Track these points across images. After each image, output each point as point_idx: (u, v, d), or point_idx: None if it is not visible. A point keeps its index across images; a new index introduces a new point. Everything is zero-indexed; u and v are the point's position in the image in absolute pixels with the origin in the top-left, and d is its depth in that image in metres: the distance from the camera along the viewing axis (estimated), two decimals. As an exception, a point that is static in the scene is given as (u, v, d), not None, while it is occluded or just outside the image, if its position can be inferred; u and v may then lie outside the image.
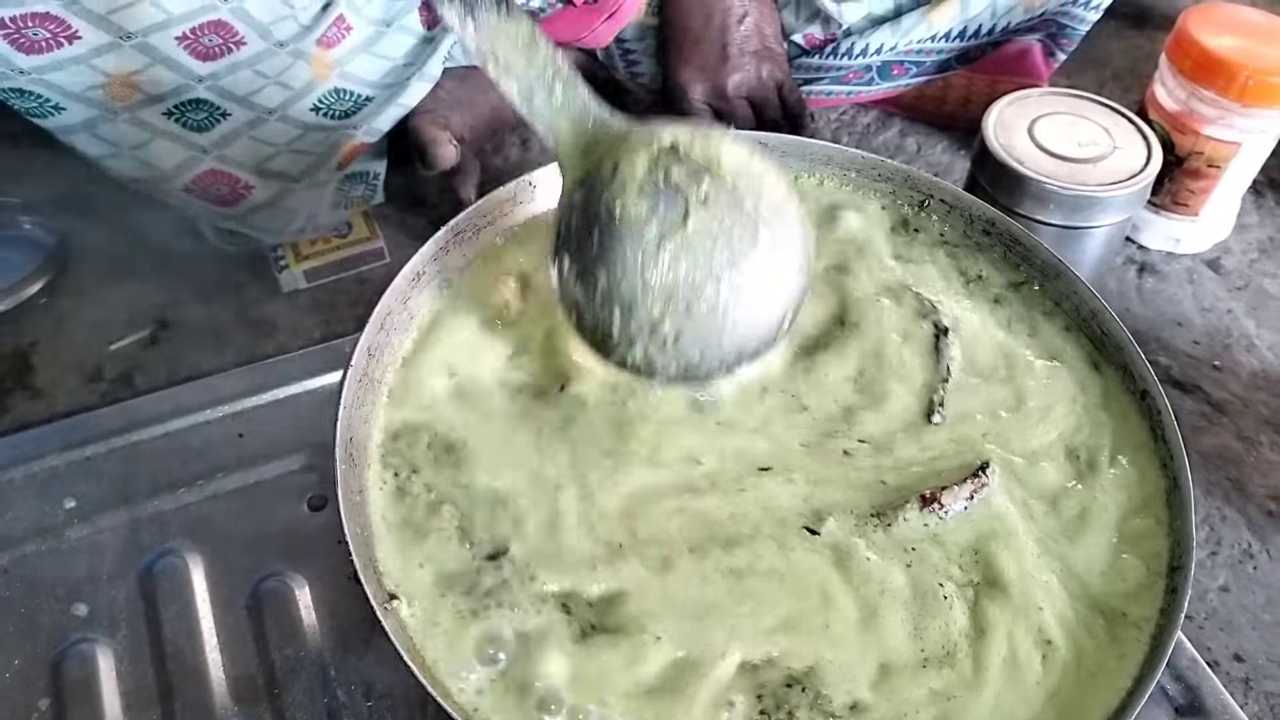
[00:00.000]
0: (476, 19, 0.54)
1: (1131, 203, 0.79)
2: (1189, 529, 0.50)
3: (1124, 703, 0.46)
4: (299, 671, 0.57)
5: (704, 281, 0.51)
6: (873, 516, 0.52)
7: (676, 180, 0.51)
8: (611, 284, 0.51)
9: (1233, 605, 0.74)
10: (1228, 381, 0.86)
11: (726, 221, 0.51)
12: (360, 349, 0.52)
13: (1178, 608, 0.48)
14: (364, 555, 0.47)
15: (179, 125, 0.74)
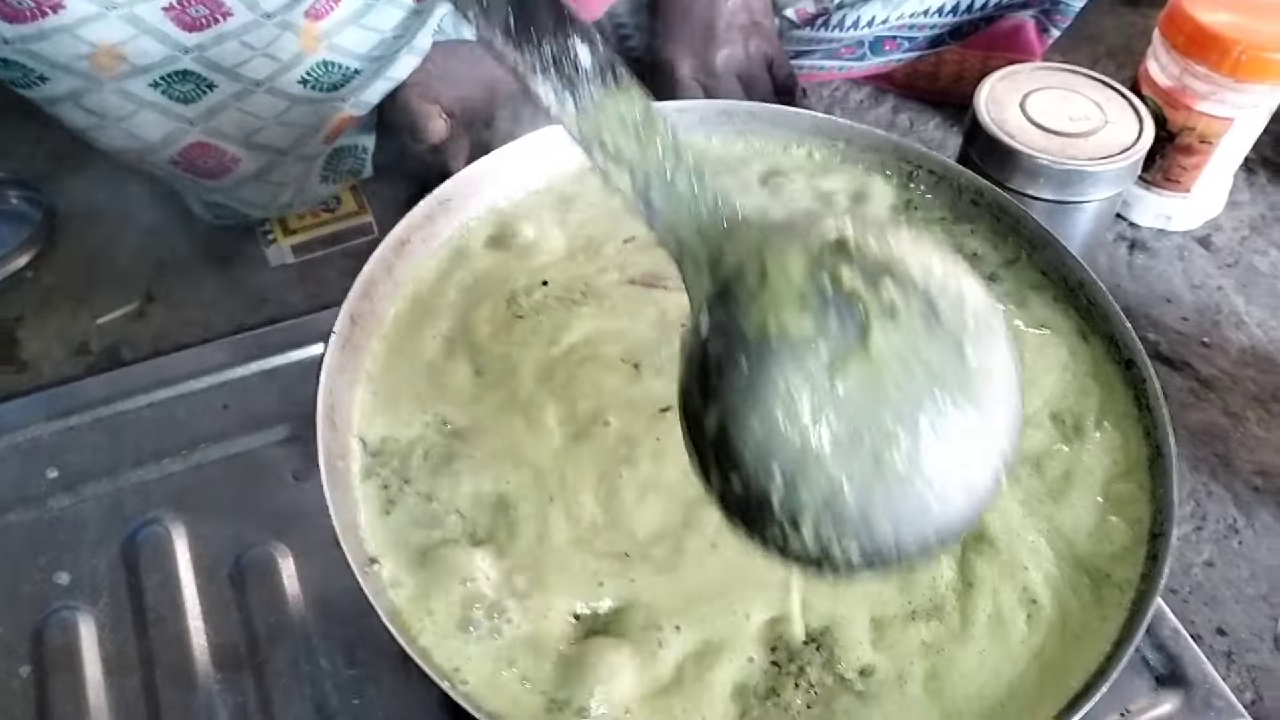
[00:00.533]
0: (578, 96, 0.43)
1: (1122, 177, 0.79)
2: (1171, 496, 0.50)
3: (1103, 666, 0.46)
4: (282, 640, 0.57)
5: (897, 424, 0.37)
6: None
7: (850, 285, 0.38)
8: (768, 434, 0.37)
9: (1217, 580, 0.74)
10: (1216, 358, 0.86)
11: (922, 339, 0.38)
12: (343, 315, 0.52)
13: (1158, 573, 0.48)
14: (344, 519, 0.47)
15: (165, 97, 0.74)
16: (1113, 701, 0.57)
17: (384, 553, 0.48)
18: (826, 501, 0.37)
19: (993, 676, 0.47)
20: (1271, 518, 0.77)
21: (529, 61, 0.42)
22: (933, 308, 0.38)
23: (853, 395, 0.37)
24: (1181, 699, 0.57)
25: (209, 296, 0.83)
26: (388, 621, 0.43)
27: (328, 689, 0.56)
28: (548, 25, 0.42)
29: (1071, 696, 0.46)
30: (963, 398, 0.38)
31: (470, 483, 0.51)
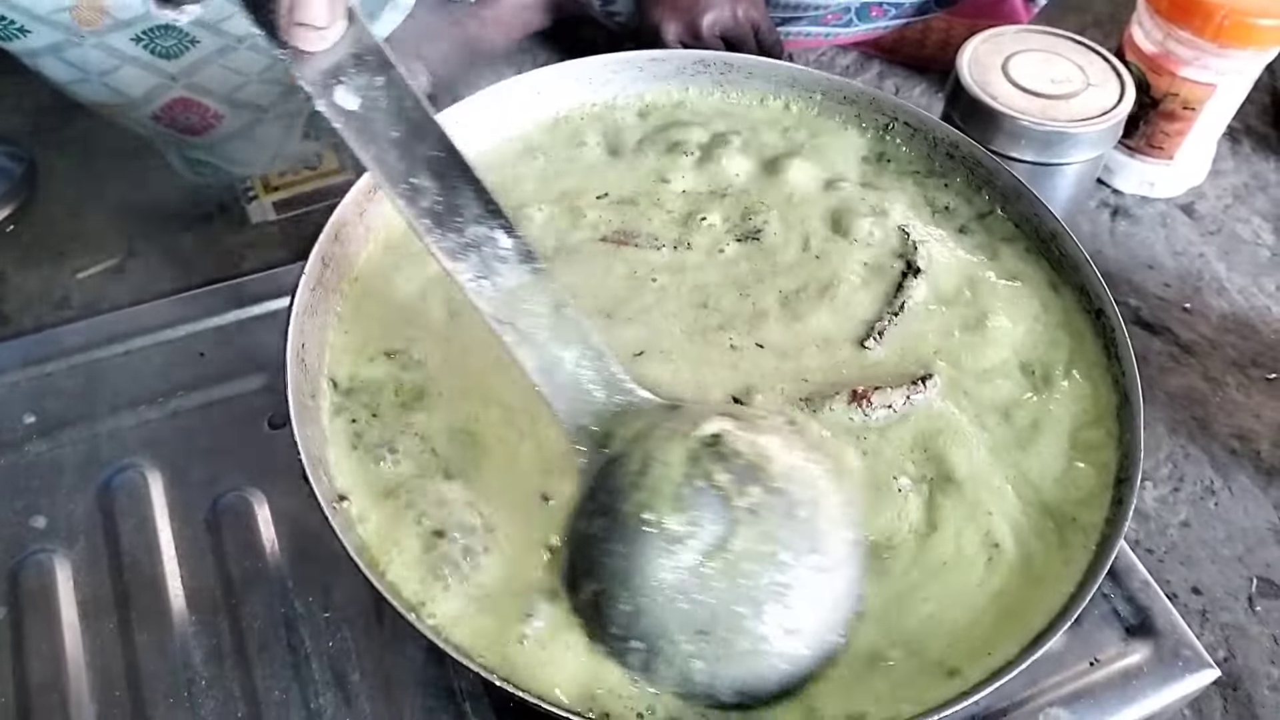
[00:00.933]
0: (495, 280, 0.46)
1: (1103, 139, 0.79)
2: (1137, 442, 0.51)
3: (1065, 606, 0.47)
4: (257, 583, 0.57)
5: (748, 612, 0.43)
6: (801, 400, 0.52)
7: (721, 485, 0.44)
8: (636, 611, 0.43)
9: (1193, 540, 0.75)
10: (1197, 323, 0.87)
11: (779, 537, 0.44)
12: (314, 257, 0.52)
13: (1123, 516, 0.48)
14: (313, 456, 0.47)
15: (148, 52, 0.74)
16: (1082, 651, 0.58)
17: (352, 489, 0.48)
18: (683, 670, 0.43)
19: (946, 613, 0.47)
20: (1248, 480, 0.78)
21: (450, 245, 0.45)
22: (791, 508, 0.44)
23: (713, 584, 0.43)
24: (1151, 649, 0.58)
25: (190, 253, 0.83)
26: (354, 555, 0.44)
27: (303, 632, 0.56)
28: (473, 212, 0.46)
29: (1033, 635, 0.46)
30: (809, 587, 0.44)
31: (440, 420, 0.51)
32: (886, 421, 0.52)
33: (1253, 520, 0.76)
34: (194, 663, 0.55)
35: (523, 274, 0.46)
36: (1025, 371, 0.55)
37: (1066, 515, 0.50)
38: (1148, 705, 0.56)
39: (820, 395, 0.52)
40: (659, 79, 0.65)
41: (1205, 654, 0.58)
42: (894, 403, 0.52)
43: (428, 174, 0.45)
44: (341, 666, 0.55)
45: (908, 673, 0.46)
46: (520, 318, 0.46)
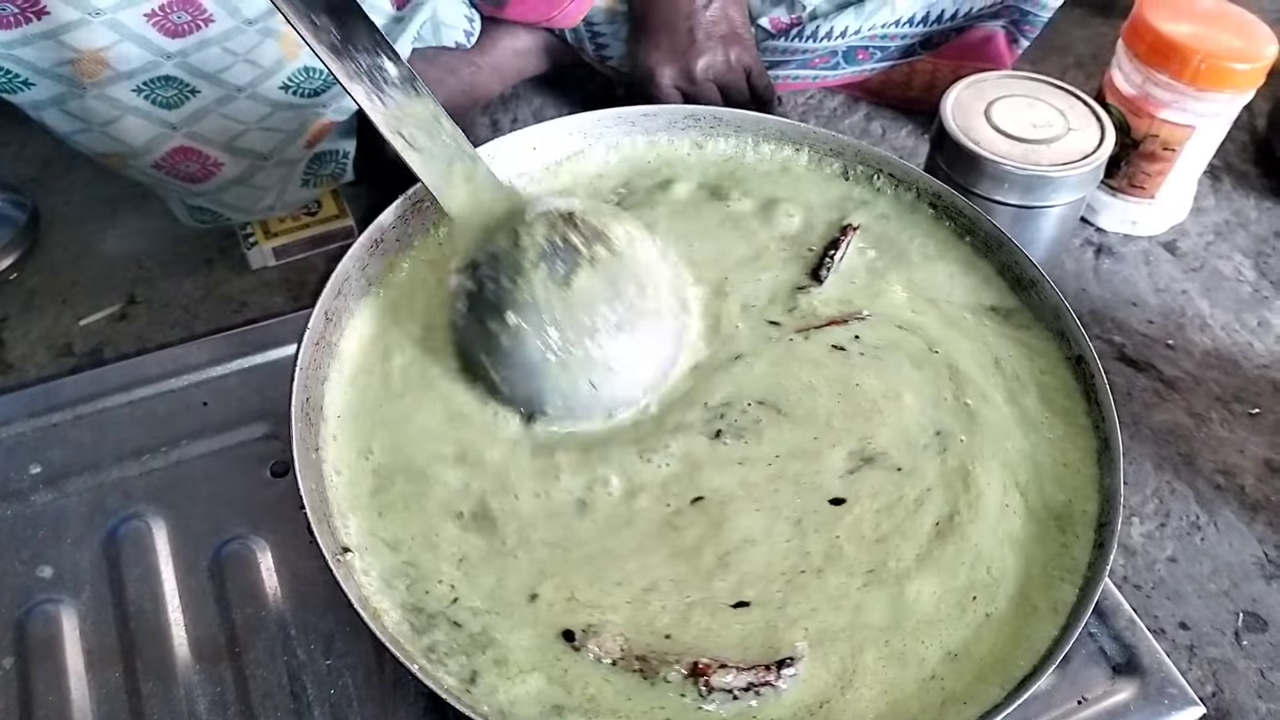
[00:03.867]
0: (384, 99, 0.56)
1: (1085, 183, 0.81)
2: (1117, 486, 0.52)
3: (1050, 650, 0.48)
4: (260, 631, 0.59)
5: (580, 337, 0.54)
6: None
7: (573, 242, 0.55)
8: (512, 344, 0.54)
9: (1180, 575, 0.76)
10: (1180, 360, 0.88)
11: (611, 283, 0.55)
12: (317, 313, 0.53)
13: (1104, 560, 0.50)
14: (318, 509, 0.49)
15: (148, 102, 0.75)
16: (1070, 690, 0.59)
17: (357, 542, 0.50)
18: (556, 389, 0.55)
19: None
20: (1233, 515, 0.79)
21: (348, 69, 0.55)
22: (624, 265, 0.56)
23: (568, 313, 0.54)
24: (1137, 687, 0.59)
25: (190, 298, 0.84)
26: (358, 606, 0.45)
27: (305, 679, 0.57)
28: (365, 44, 0.56)
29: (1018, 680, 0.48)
30: (635, 326, 0.56)
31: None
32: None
33: (1238, 555, 0.77)
34: (199, 711, 0.56)
35: (407, 93, 0.57)
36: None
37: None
38: (1135, 743, 0.58)
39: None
40: (649, 132, 0.67)
41: (1191, 691, 0.59)
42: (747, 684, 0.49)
43: (326, 13, 0.55)
44: (343, 714, 0.56)
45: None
46: (405, 127, 0.56)
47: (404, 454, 0.53)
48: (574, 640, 0.48)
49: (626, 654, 0.48)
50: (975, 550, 0.52)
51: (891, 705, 0.47)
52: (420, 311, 0.58)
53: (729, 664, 0.47)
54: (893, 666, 0.48)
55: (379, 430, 0.54)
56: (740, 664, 0.47)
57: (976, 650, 0.49)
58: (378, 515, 0.51)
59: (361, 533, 0.50)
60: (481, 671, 0.47)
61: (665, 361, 0.58)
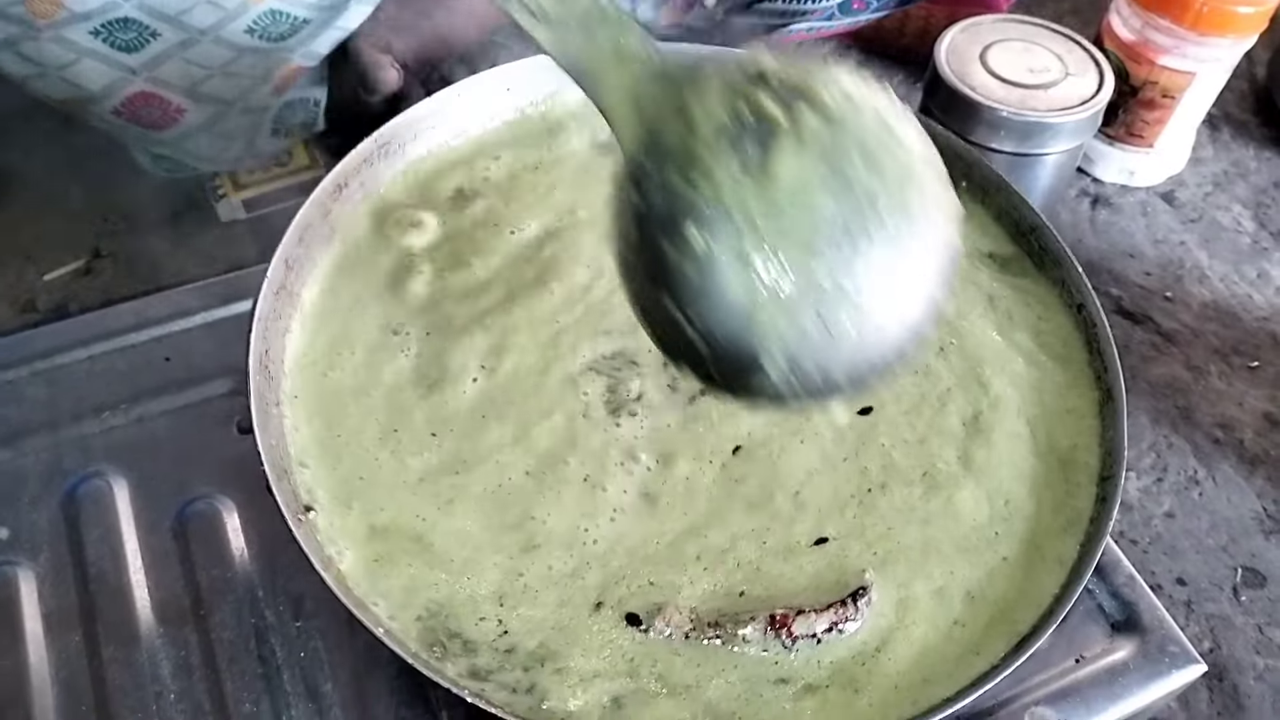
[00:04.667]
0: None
1: (1082, 129, 0.78)
2: (1121, 439, 0.50)
3: (1051, 607, 0.46)
4: (226, 593, 0.56)
5: (799, 252, 0.37)
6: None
7: (766, 109, 0.37)
8: (695, 275, 0.37)
9: (1177, 531, 0.74)
10: (1178, 312, 0.86)
11: (832, 165, 0.37)
12: (276, 261, 0.50)
13: (1107, 515, 0.48)
14: (278, 466, 0.46)
15: (106, 45, 0.71)
16: (1067, 648, 0.57)
17: (320, 500, 0.47)
18: (785, 348, 0.37)
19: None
20: (1232, 469, 0.77)
21: None
22: (850, 136, 0.37)
23: (774, 215, 0.36)
24: (1136, 645, 0.57)
25: (158, 253, 0.81)
26: (319, 567, 0.42)
27: (273, 642, 0.55)
28: None
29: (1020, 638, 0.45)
30: (875, 237, 0.37)
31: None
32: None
33: (1237, 510, 0.75)
34: (162, 676, 0.54)
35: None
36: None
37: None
38: (1134, 702, 0.55)
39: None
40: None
41: (1192, 649, 0.57)
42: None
43: None
44: (314, 677, 0.54)
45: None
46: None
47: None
48: (640, 624, 0.45)
49: (697, 623, 0.45)
50: (1001, 462, 0.50)
51: (924, 653, 0.46)
52: (390, 259, 0.55)
53: (806, 609, 0.46)
54: (934, 602, 0.47)
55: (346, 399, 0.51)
56: (817, 606, 0.46)
57: (991, 594, 0.48)
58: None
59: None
60: (540, 684, 0.44)
61: (937, 285, 0.39)
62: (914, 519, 0.49)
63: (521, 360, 0.53)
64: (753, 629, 0.45)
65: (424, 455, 0.49)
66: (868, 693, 0.45)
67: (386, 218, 0.57)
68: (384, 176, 0.57)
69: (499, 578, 0.47)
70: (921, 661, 0.46)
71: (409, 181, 0.58)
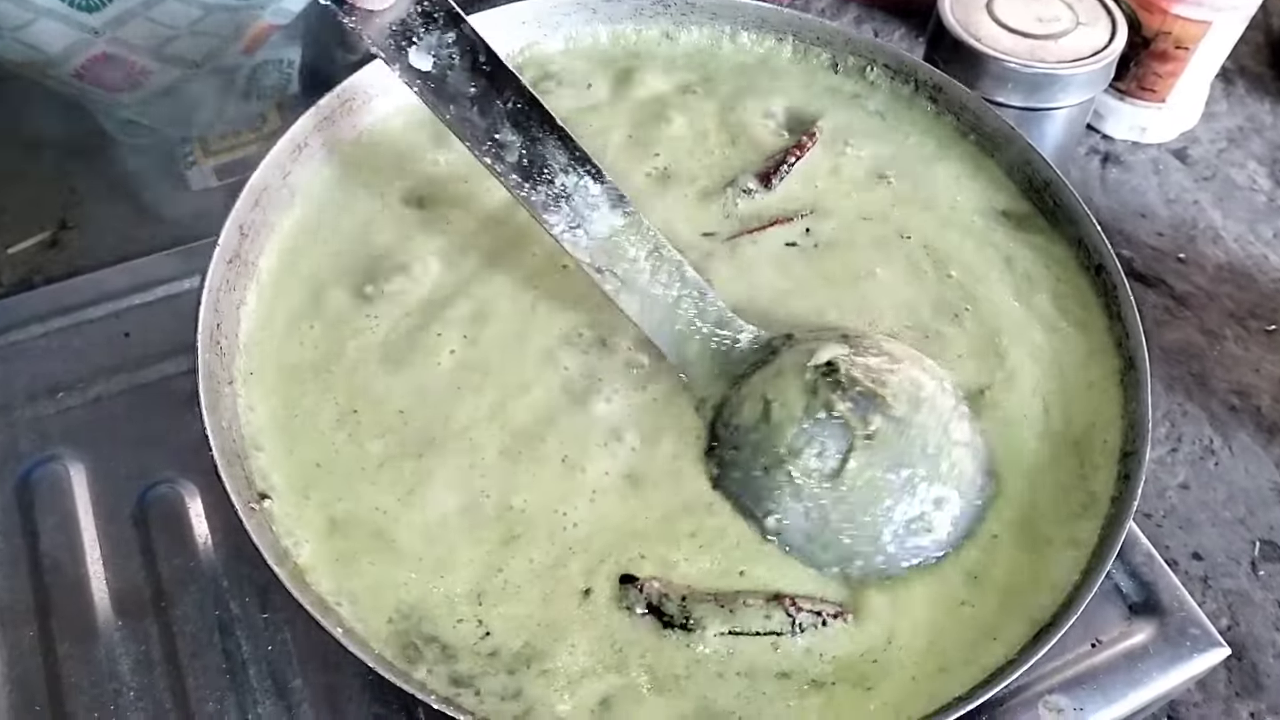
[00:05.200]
0: (589, 228, 0.45)
1: (1094, 81, 0.73)
2: (1145, 411, 0.45)
3: (1070, 596, 0.41)
4: (189, 583, 0.52)
5: (863, 532, 0.43)
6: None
7: (840, 412, 0.43)
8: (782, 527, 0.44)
9: (1192, 503, 0.70)
10: (1192, 274, 0.81)
11: (896, 465, 0.43)
12: (229, 226, 0.45)
13: (1130, 494, 0.43)
14: (229, 450, 0.41)
15: (66, 4, 0.66)
16: (1083, 632, 0.52)
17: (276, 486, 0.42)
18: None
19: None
20: (1248, 438, 0.73)
21: (540, 199, 0.45)
22: (908, 427, 0.43)
23: (844, 511, 0.43)
24: (1155, 628, 0.53)
25: (126, 223, 0.76)
26: (272, 562, 0.38)
27: (239, 635, 0.51)
28: (559, 161, 0.45)
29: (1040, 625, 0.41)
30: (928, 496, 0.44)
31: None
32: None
33: (1254, 480, 0.71)
34: (121, 672, 0.50)
35: (615, 219, 0.46)
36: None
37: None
38: (1154, 688, 0.51)
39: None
40: (613, 20, 0.58)
41: (1214, 631, 0.53)
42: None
43: (510, 128, 0.44)
44: (282, 672, 0.50)
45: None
46: (618, 264, 0.46)
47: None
48: (635, 582, 0.42)
49: (691, 593, 0.42)
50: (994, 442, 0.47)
51: (935, 639, 0.42)
52: (356, 223, 0.50)
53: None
54: (931, 582, 0.44)
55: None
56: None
57: (995, 575, 0.44)
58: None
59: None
60: (526, 690, 0.40)
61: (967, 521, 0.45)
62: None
63: (503, 329, 0.48)
64: (755, 599, 0.42)
65: (386, 438, 0.45)
66: (881, 690, 0.40)
67: (352, 180, 0.52)
68: (348, 135, 0.52)
69: (476, 574, 0.42)
70: (934, 649, 0.42)
71: (376, 139, 0.53)
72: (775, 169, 0.54)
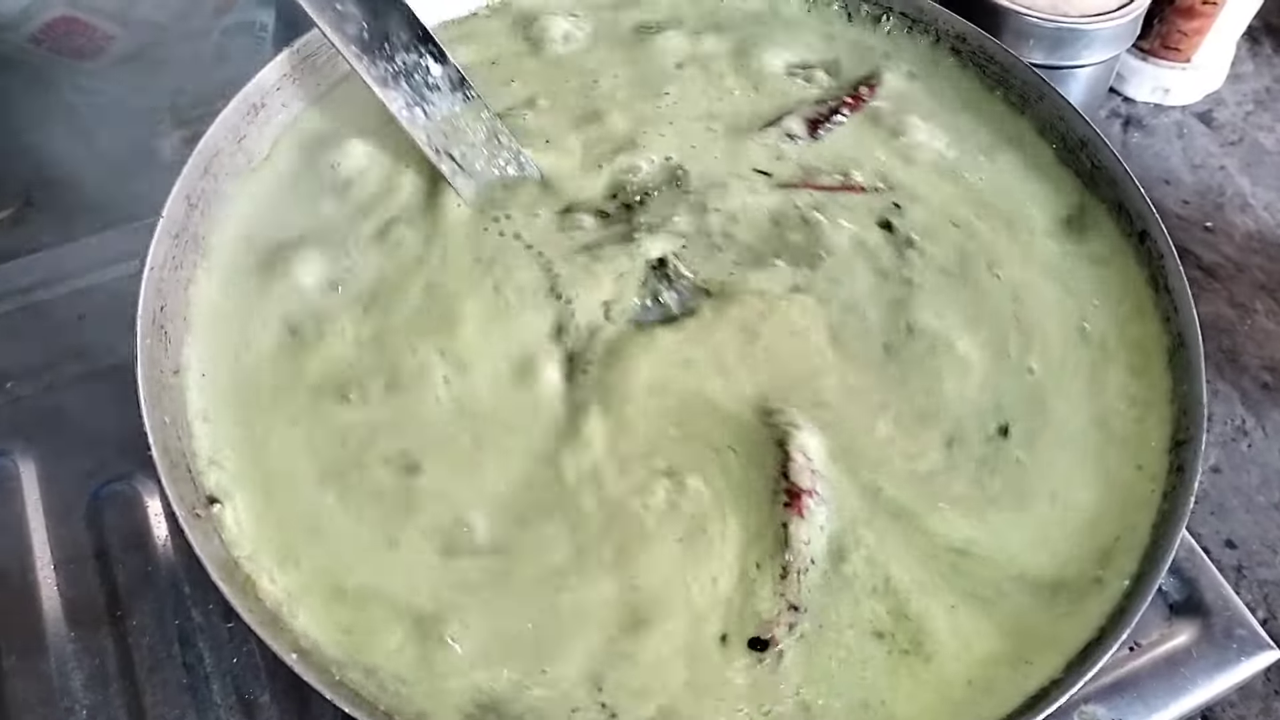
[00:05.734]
0: (428, 108, 0.44)
1: (1120, 37, 0.67)
2: (1198, 393, 0.39)
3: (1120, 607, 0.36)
4: (146, 590, 0.47)
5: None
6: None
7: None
8: None
9: (1225, 487, 0.65)
10: (1220, 244, 0.75)
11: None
12: (175, 197, 0.40)
13: (1186, 489, 0.38)
14: (173, 450, 0.36)
15: (19, -37, 0.61)
16: (1120, 634, 0.47)
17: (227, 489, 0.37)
18: None
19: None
20: (1282, 417, 0.67)
21: (379, 73, 0.43)
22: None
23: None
24: (1198, 629, 0.47)
25: (95, 199, 0.70)
26: (216, 577, 0.33)
27: (201, 647, 0.46)
28: (401, 38, 0.43)
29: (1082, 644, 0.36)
30: None
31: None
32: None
33: (1290, 462, 0.65)
34: (73, 688, 0.45)
35: (455, 101, 0.45)
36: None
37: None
38: (1197, 695, 0.46)
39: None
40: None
41: (1263, 632, 0.48)
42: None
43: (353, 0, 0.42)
44: (247, 686, 0.45)
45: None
46: (455, 146, 0.44)
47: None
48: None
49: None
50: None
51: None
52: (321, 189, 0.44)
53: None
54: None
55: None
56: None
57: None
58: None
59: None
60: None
61: None
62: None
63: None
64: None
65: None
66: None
67: (317, 145, 0.46)
68: (311, 92, 0.46)
69: (586, 661, 0.35)
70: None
71: (341, 98, 0.47)
72: (826, 117, 0.49)
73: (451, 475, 0.38)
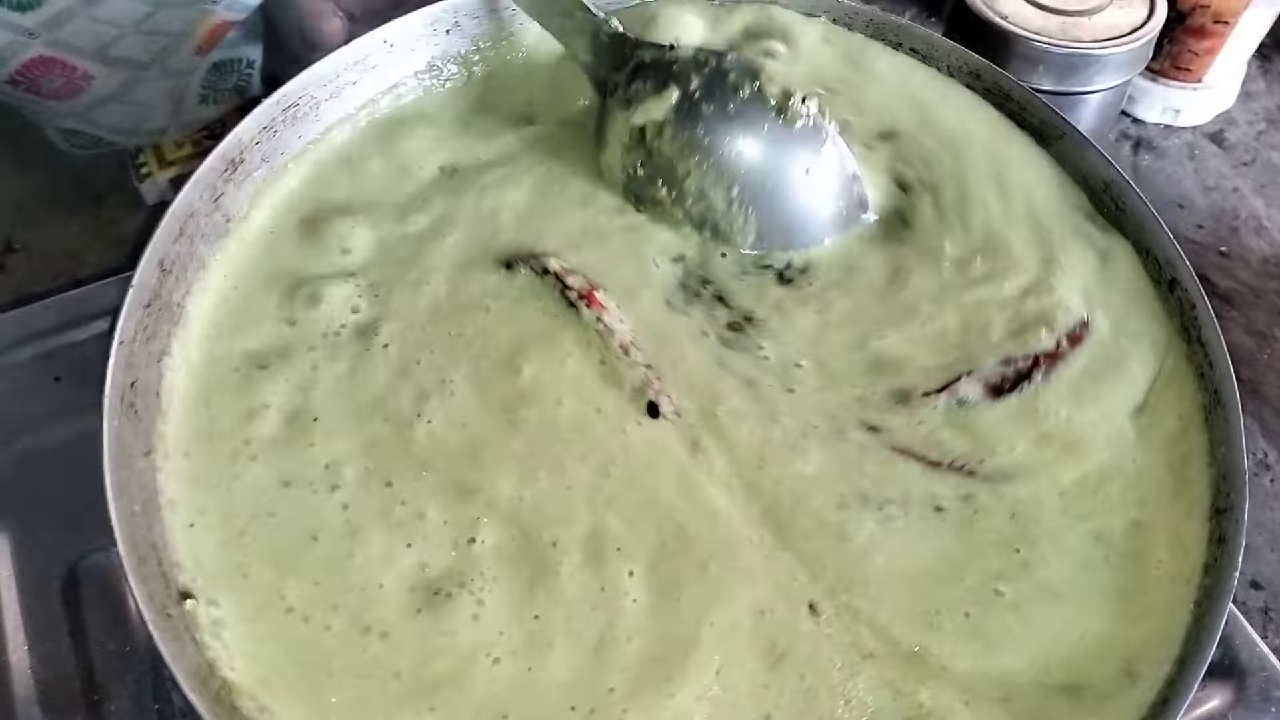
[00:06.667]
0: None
1: (1132, 62, 0.65)
2: (1238, 459, 0.37)
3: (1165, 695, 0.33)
4: (124, 672, 0.44)
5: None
6: None
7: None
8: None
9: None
10: (1236, 269, 0.72)
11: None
12: (146, 263, 0.37)
13: (1229, 561, 0.35)
14: (142, 543, 0.33)
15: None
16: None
17: (201, 582, 0.34)
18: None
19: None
20: (1307, 450, 0.64)
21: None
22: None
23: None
24: (1232, 691, 0.45)
25: (77, 242, 0.68)
26: (186, 687, 0.30)
27: (184, 731, 0.43)
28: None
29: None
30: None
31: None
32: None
33: (1315, 498, 0.63)
34: (47, 779, 0.42)
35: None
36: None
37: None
38: (1234, 766, 0.43)
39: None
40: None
41: (1303, 695, 0.45)
42: None
43: None
44: (232, 776, 0.41)
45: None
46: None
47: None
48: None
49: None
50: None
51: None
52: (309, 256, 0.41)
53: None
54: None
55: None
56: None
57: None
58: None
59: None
60: None
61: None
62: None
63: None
64: None
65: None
66: None
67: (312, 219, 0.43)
68: (293, 147, 0.43)
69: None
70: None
71: (322, 154, 0.44)
72: (1024, 378, 0.40)
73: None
